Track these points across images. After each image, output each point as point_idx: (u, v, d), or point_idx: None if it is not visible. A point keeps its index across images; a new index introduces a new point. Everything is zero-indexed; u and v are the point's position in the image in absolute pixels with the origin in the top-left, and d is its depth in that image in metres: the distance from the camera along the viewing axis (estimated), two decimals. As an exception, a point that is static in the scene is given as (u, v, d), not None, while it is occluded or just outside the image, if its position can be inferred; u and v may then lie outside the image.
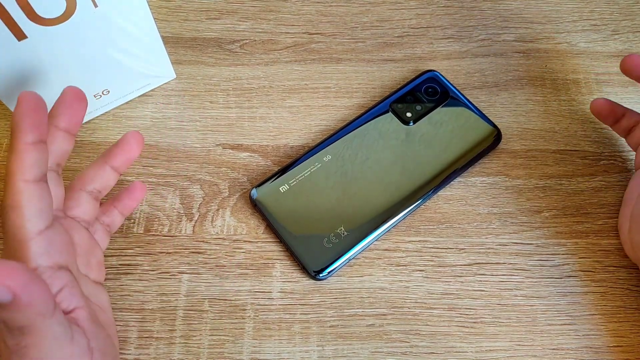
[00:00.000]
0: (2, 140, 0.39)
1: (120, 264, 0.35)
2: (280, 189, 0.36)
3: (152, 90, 0.41)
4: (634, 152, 0.38)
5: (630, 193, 0.36)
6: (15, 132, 0.24)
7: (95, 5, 0.32)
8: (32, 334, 0.22)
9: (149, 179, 0.38)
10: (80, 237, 0.29)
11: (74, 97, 0.28)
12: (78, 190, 0.31)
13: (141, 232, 0.36)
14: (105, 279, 0.33)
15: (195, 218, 0.36)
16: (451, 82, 0.41)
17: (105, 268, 0.33)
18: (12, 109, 0.34)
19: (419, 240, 0.36)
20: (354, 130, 0.39)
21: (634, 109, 0.41)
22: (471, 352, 0.33)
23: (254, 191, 0.36)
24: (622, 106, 0.38)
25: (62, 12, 0.31)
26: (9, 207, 0.24)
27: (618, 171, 0.39)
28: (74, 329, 0.25)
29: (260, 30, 0.44)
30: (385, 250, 0.36)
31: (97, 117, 0.40)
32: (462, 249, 0.36)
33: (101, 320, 0.29)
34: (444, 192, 0.38)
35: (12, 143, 0.24)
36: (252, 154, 0.39)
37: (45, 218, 0.25)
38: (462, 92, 0.41)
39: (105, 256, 0.34)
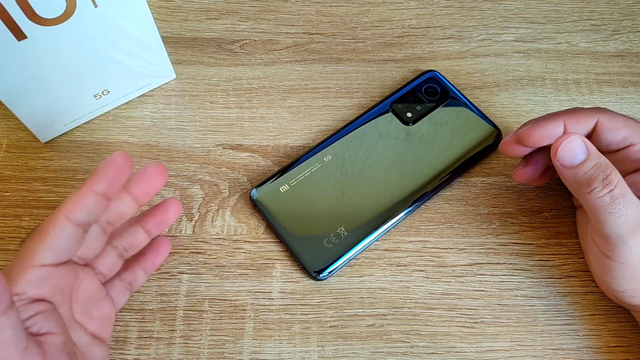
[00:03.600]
0: (2, 140, 0.39)
1: (120, 264, 0.35)
2: (281, 189, 0.36)
3: (152, 90, 0.41)
4: None
5: (581, 240, 0.35)
6: (90, 176, 0.26)
7: (95, 6, 0.32)
8: None
9: (149, 179, 0.37)
10: (88, 285, 0.28)
11: (157, 172, 0.28)
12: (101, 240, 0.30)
13: (141, 232, 0.36)
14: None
15: (196, 218, 0.36)
16: (451, 82, 0.41)
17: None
18: (12, 109, 0.34)
19: (419, 241, 0.36)
20: (354, 130, 0.39)
21: (634, 109, 0.42)
22: (471, 352, 0.33)
23: (254, 191, 0.36)
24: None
25: (62, 12, 0.31)
26: (36, 232, 0.25)
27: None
28: (32, 344, 0.23)
29: (260, 30, 0.44)
30: (386, 250, 0.36)
31: (97, 117, 0.40)
32: (463, 249, 0.36)
33: None
34: (444, 192, 0.38)
35: (82, 185, 0.26)
36: (252, 154, 0.39)
37: (58, 257, 0.25)
38: (462, 92, 0.41)
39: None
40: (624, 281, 0.30)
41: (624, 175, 0.32)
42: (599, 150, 0.30)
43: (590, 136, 0.32)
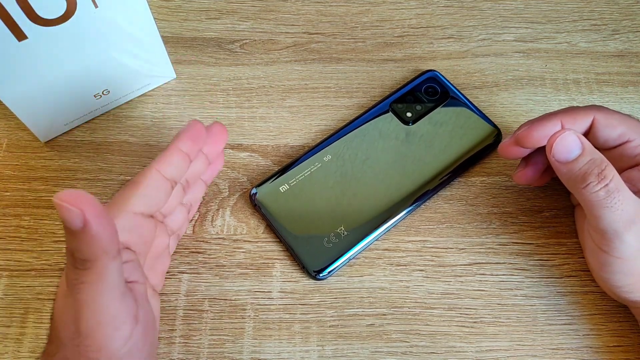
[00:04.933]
0: (2, 140, 0.39)
1: (120, 264, 0.35)
2: (280, 188, 0.36)
3: (152, 90, 0.41)
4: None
5: (580, 237, 0.36)
6: (174, 138, 0.29)
7: (96, 6, 0.32)
8: (92, 270, 0.23)
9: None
10: (161, 242, 0.31)
11: (221, 130, 0.32)
12: (179, 198, 0.32)
13: (141, 232, 0.36)
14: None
15: (195, 218, 0.36)
16: (451, 82, 0.41)
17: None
18: (12, 109, 0.34)
19: (419, 240, 0.36)
20: (354, 130, 0.39)
21: (634, 109, 0.42)
22: (471, 352, 0.33)
23: (254, 191, 0.36)
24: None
25: (62, 12, 0.31)
26: (132, 182, 0.28)
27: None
28: (128, 292, 0.25)
29: (260, 30, 0.44)
30: (385, 250, 0.36)
31: (97, 117, 0.40)
32: (462, 248, 0.36)
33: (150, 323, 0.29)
34: (444, 192, 0.38)
35: (168, 146, 0.29)
36: (252, 154, 0.39)
37: (148, 207, 0.28)
38: (462, 92, 0.41)
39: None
40: (621, 276, 0.30)
41: (621, 171, 0.32)
42: (596, 147, 0.30)
43: (587, 134, 0.33)
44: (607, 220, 0.29)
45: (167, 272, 0.34)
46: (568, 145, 0.29)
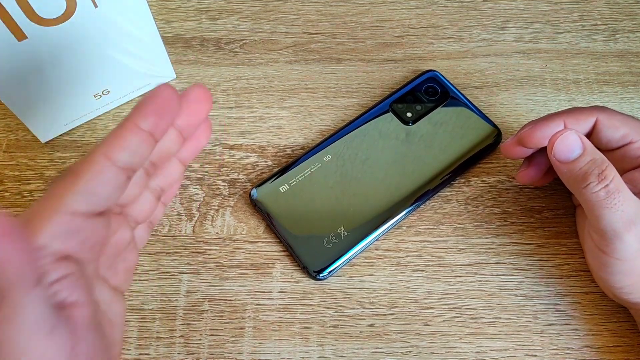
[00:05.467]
0: (2, 140, 0.39)
1: (120, 264, 0.35)
2: (280, 189, 0.36)
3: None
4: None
5: (581, 238, 0.35)
6: (134, 110, 0.21)
7: (96, 6, 0.32)
8: (3, 303, 0.18)
9: (149, 179, 0.38)
10: (120, 238, 0.25)
11: (202, 97, 0.24)
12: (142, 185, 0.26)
13: (141, 232, 0.36)
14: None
15: (195, 218, 0.36)
16: (451, 82, 0.41)
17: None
18: (12, 109, 0.34)
19: (419, 240, 0.36)
20: (354, 130, 0.39)
21: (634, 109, 0.41)
22: (471, 352, 0.33)
23: (254, 191, 0.36)
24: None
25: (62, 12, 0.31)
26: (70, 171, 0.21)
27: (618, 171, 0.39)
28: (60, 323, 0.19)
29: (260, 30, 0.44)
30: (386, 250, 0.36)
31: (97, 117, 0.40)
32: (462, 249, 0.36)
33: (106, 334, 0.23)
34: (444, 192, 0.38)
35: (123, 121, 0.21)
36: (252, 154, 0.39)
37: (93, 205, 0.21)
38: (462, 92, 0.41)
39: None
40: (620, 277, 0.30)
41: (623, 172, 0.32)
42: (598, 148, 0.30)
43: (589, 135, 0.33)
44: (607, 220, 0.29)
45: (167, 273, 0.34)
46: (569, 144, 0.29)
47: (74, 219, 0.20)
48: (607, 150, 0.33)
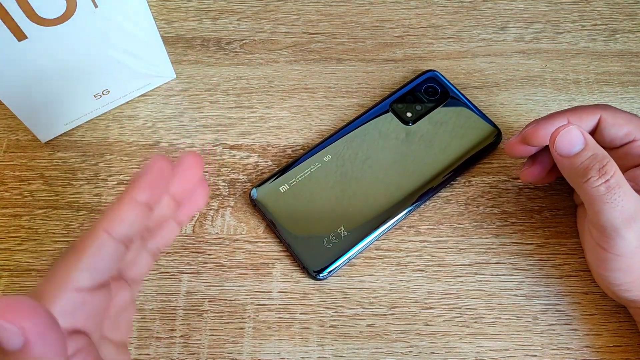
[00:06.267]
0: (2, 140, 0.39)
1: (120, 264, 0.35)
2: (280, 189, 0.36)
3: (152, 90, 0.41)
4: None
5: (581, 236, 0.35)
6: (131, 184, 0.23)
7: (96, 6, 0.32)
8: None
9: (149, 179, 0.37)
10: (120, 300, 0.25)
11: (194, 164, 0.25)
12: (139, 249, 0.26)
13: (141, 232, 0.36)
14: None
15: (195, 218, 0.36)
16: (451, 82, 0.41)
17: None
18: (12, 109, 0.34)
19: (419, 240, 0.36)
20: (354, 130, 0.39)
21: (634, 109, 0.41)
22: (471, 352, 0.33)
23: (254, 191, 0.36)
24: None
25: (62, 12, 0.31)
26: (73, 248, 0.22)
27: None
28: None
29: (260, 30, 0.44)
30: (386, 250, 0.36)
31: (97, 117, 0.40)
32: (462, 248, 0.36)
33: None
34: (444, 192, 0.38)
35: (122, 194, 0.22)
36: (252, 154, 0.39)
37: (96, 279, 0.21)
38: (462, 92, 0.41)
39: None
40: (619, 274, 0.30)
41: (626, 170, 0.32)
42: (602, 146, 0.30)
43: (593, 132, 0.33)
44: (607, 216, 0.29)
45: (167, 273, 0.34)
46: (571, 139, 0.30)
47: (79, 294, 0.21)
48: (611, 148, 0.33)
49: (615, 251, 0.30)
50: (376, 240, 0.36)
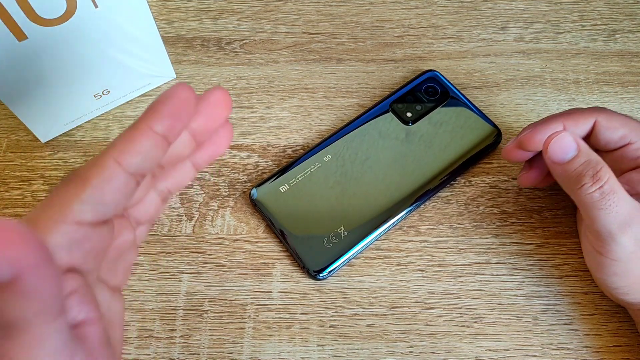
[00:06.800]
0: (2, 140, 0.39)
1: (120, 264, 0.35)
2: (280, 188, 0.36)
3: (152, 90, 0.41)
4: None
5: (581, 240, 0.35)
6: (147, 111, 0.20)
7: (96, 6, 0.32)
8: (21, 338, 0.16)
9: (149, 179, 0.38)
10: (122, 241, 0.23)
11: (221, 101, 0.22)
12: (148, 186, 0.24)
13: (141, 232, 0.36)
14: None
15: (195, 218, 0.36)
16: (451, 82, 0.41)
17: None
18: (12, 109, 0.34)
19: (419, 240, 0.36)
20: (354, 130, 0.39)
21: (634, 109, 0.41)
22: (471, 352, 0.33)
23: (254, 191, 0.36)
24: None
25: (62, 12, 0.31)
26: (76, 175, 0.19)
27: (618, 171, 0.39)
28: (78, 347, 0.18)
29: (260, 30, 0.44)
30: (386, 250, 0.36)
31: (97, 117, 0.40)
32: (462, 248, 0.36)
33: (110, 337, 0.21)
34: (444, 192, 0.38)
35: (138, 121, 0.19)
36: (252, 154, 0.39)
37: (100, 214, 0.19)
38: (462, 92, 0.41)
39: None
40: (616, 278, 0.30)
41: (622, 173, 0.32)
42: (597, 149, 0.30)
43: (589, 136, 0.33)
44: (602, 221, 0.29)
45: (167, 272, 0.34)
46: (564, 146, 0.30)
47: (79, 229, 0.19)
48: (607, 151, 0.33)
49: (611, 256, 0.30)
50: (376, 240, 0.36)
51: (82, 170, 0.19)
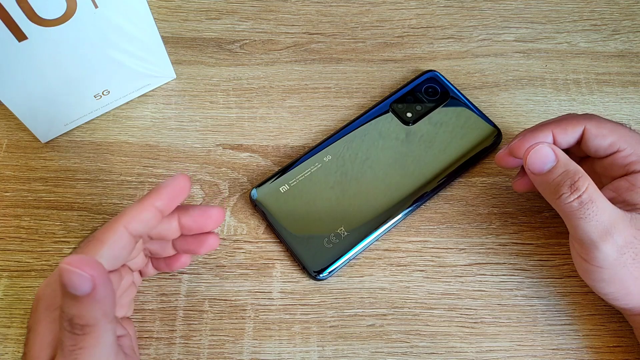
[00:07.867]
0: (2, 140, 0.39)
1: (120, 264, 0.35)
2: (281, 189, 0.36)
3: (152, 90, 0.41)
4: None
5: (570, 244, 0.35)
6: (152, 191, 0.27)
7: (96, 6, 0.32)
8: (92, 335, 0.23)
9: (149, 179, 0.38)
10: (125, 282, 0.30)
11: (215, 215, 0.30)
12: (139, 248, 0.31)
13: (141, 232, 0.36)
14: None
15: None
16: (451, 82, 0.41)
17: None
18: (12, 109, 0.34)
19: (419, 241, 0.36)
20: (354, 130, 0.39)
21: (634, 109, 0.41)
22: (471, 352, 0.33)
23: (254, 191, 0.36)
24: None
25: (62, 12, 0.31)
26: (95, 238, 0.26)
27: (618, 171, 0.39)
28: (119, 350, 0.26)
29: (260, 30, 0.44)
30: (386, 250, 0.36)
31: (97, 117, 0.40)
32: (462, 249, 0.36)
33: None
34: (444, 192, 0.38)
35: (142, 198, 0.27)
36: (252, 154, 0.39)
37: (113, 264, 0.26)
38: (462, 92, 0.41)
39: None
40: (604, 284, 0.30)
41: (611, 180, 0.32)
42: (588, 156, 0.30)
43: (579, 143, 0.33)
44: (583, 230, 0.29)
45: (167, 273, 0.34)
46: (542, 157, 0.30)
47: None
48: (596, 158, 0.33)
49: (596, 263, 0.30)
50: (376, 240, 0.36)
51: (99, 234, 0.26)
